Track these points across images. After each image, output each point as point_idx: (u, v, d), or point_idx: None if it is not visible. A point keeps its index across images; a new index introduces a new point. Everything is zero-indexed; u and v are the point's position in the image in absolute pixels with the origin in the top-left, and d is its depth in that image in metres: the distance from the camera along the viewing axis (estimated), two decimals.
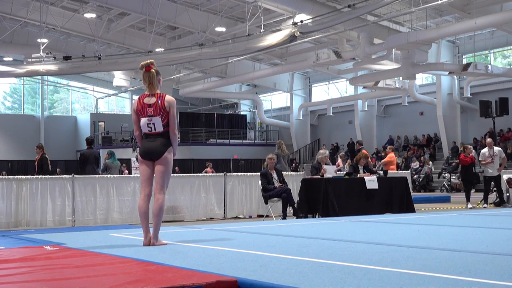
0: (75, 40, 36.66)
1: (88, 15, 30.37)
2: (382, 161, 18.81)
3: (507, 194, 15.88)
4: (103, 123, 44.26)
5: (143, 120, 6.63)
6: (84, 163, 14.89)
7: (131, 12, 30.36)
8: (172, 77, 35.92)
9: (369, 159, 14.43)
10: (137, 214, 6.99)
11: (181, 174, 16.75)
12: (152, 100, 6.62)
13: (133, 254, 5.71)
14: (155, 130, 6.63)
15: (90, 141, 15.78)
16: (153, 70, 6.71)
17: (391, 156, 18.59)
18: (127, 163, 28.41)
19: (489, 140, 16.56)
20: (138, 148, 7.12)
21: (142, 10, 28.86)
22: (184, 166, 33.76)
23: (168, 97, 6.67)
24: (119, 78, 39.80)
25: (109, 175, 13.78)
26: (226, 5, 29.42)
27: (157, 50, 29.72)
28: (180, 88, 39.75)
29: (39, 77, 41.62)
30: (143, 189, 6.74)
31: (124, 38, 33.99)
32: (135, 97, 48.33)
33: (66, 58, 27.22)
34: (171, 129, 6.67)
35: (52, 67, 27.98)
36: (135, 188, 12.88)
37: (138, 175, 7.24)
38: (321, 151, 14.07)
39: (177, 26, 32.52)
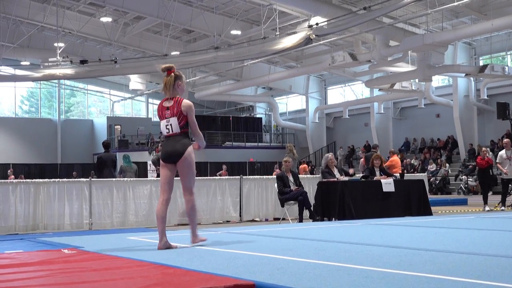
0: (91, 44, 36.89)
1: (104, 19, 30.55)
2: (384, 165, 18.58)
3: None
4: (119, 127, 44.42)
5: (162, 123, 6.78)
6: (102, 167, 14.98)
7: (146, 16, 30.50)
8: (188, 80, 35.95)
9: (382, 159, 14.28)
10: (154, 217, 7.00)
11: (198, 177, 16.74)
12: (170, 103, 6.75)
13: (151, 258, 5.73)
14: (172, 131, 6.72)
15: (106, 145, 15.87)
16: (172, 75, 6.80)
17: (392, 159, 18.42)
18: (143, 166, 28.47)
19: (506, 140, 15.96)
20: (154, 152, 7.16)
21: (158, 14, 28.95)
22: (200, 169, 33.76)
23: (185, 102, 6.75)
24: (135, 81, 39.94)
25: (125, 178, 13.83)
26: (242, 8, 29.45)
27: (172, 53, 29.80)
28: (196, 91, 39.83)
29: (56, 81, 41.90)
30: (162, 193, 6.76)
31: (140, 41, 34.14)
32: (151, 101, 48.79)
33: (83, 62, 27.41)
34: (194, 132, 6.78)
35: (69, 71, 28.20)
36: (151, 191, 12.90)
37: (154, 178, 7.26)
38: (326, 155, 13.92)
39: (193, 30, 32.59)
